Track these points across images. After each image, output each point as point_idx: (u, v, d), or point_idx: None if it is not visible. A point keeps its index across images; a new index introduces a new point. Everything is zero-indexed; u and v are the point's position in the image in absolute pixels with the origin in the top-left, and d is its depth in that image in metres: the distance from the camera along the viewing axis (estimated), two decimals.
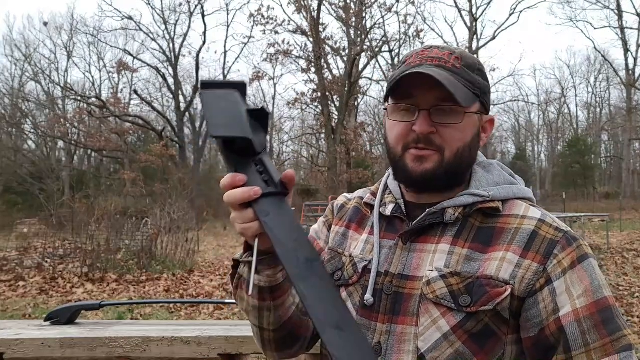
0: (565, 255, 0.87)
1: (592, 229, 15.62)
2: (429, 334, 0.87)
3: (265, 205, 0.74)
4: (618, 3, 31.92)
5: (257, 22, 24.00)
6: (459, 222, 0.93)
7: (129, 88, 32.23)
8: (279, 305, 0.94)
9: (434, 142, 0.92)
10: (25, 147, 30.84)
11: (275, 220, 0.73)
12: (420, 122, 0.91)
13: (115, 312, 5.74)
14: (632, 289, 6.80)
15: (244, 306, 0.97)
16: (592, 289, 0.86)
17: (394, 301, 0.92)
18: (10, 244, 10.22)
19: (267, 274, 0.89)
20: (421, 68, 0.91)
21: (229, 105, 0.76)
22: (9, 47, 31.83)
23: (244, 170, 0.76)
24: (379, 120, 35.18)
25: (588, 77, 41.68)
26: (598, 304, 0.85)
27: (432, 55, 0.94)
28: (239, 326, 1.79)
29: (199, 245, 11.34)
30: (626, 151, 34.50)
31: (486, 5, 34.07)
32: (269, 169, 0.76)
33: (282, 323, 0.96)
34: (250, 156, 0.77)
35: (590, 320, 0.84)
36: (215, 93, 0.77)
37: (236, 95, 0.78)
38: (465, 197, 0.94)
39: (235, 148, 0.76)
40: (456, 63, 0.93)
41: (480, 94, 0.95)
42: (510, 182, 0.99)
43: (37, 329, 1.78)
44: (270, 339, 0.99)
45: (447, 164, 0.92)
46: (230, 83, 0.79)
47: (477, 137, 0.97)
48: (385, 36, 25.04)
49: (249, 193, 0.73)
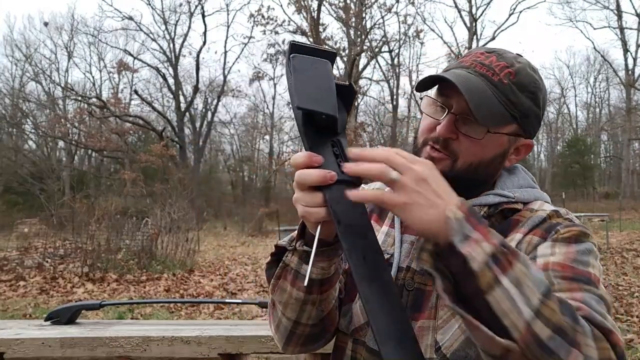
0: (567, 231, 0.86)
1: (592, 229, 15.60)
2: (447, 327, 0.87)
3: (338, 192, 0.69)
4: (618, 3, 31.91)
5: (257, 23, 24.04)
6: None
7: (129, 88, 32.24)
8: (324, 299, 0.89)
9: (450, 147, 0.90)
10: (26, 147, 30.83)
11: (347, 212, 0.68)
12: (443, 125, 0.89)
13: (115, 311, 5.75)
14: (632, 289, 6.80)
15: (283, 298, 0.90)
16: (575, 258, 0.81)
17: (415, 297, 0.91)
18: (11, 243, 10.21)
19: (322, 266, 0.83)
20: (458, 72, 0.89)
21: (320, 76, 0.70)
22: (10, 47, 31.81)
23: (320, 150, 0.71)
24: (379, 120, 35.16)
25: (587, 77, 41.69)
26: (575, 269, 0.79)
27: (486, 62, 0.91)
28: (239, 326, 1.80)
29: (199, 245, 11.34)
30: (625, 151, 34.47)
31: (486, 6, 34.00)
32: (346, 153, 0.71)
33: (321, 318, 0.93)
34: (330, 136, 0.72)
35: (560, 272, 0.79)
36: (308, 60, 0.71)
37: (328, 66, 0.72)
38: (491, 197, 0.94)
39: (316, 124, 0.71)
40: (506, 78, 0.89)
41: (519, 116, 0.90)
42: (532, 186, 1.00)
43: (37, 328, 1.79)
44: (302, 334, 0.94)
45: (457, 173, 0.90)
46: (321, 50, 0.73)
47: (502, 158, 0.94)
48: (385, 36, 25.06)
49: (325, 176, 0.69)
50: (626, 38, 32.63)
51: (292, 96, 0.69)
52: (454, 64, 0.95)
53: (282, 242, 0.90)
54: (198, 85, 29.32)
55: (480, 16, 31.28)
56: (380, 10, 24.42)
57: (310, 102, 0.67)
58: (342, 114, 0.72)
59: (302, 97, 0.67)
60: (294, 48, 0.72)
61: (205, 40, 29.45)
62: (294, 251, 0.86)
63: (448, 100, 0.90)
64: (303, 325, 0.93)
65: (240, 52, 40.53)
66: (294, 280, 0.87)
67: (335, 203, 0.68)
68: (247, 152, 37.97)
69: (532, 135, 0.96)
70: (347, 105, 0.74)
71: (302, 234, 0.84)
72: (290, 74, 0.69)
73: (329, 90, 0.69)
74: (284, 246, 0.89)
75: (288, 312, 0.91)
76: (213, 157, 36.66)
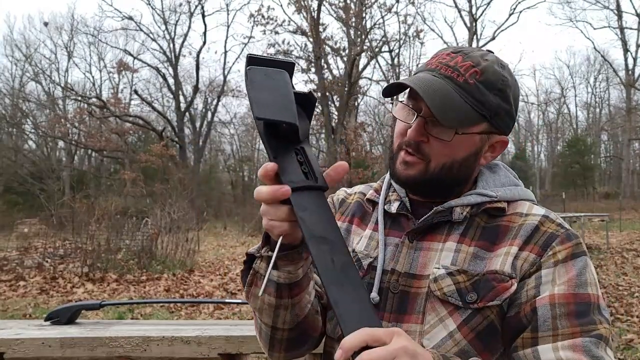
0: (562, 249, 0.88)
1: (592, 229, 15.62)
2: (434, 332, 0.87)
3: (303, 199, 0.69)
4: (618, 3, 31.90)
5: (257, 23, 23.99)
6: (466, 221, 0.93)
7: (129, 88, 32.23)
8: (296, 303, 0.90)
9: (422, 150, 0.91)
10: (26, 147, 30.81)
11: (313, 217, 0.69)
12: (412, 129, 0.91)
13: (115, 311, 5.75)
14: (632, 289, 6.80)
15: (257, 305, 0.91)
16: (576, 282, 0.85)
17: (400, 300, 0.91)
18: (11, 243, 10.21)
19: (288, 270, 0.84)
20: (422, 76, 0.90)
21: (278, 86, 0.71)
22: (10, 47, 31.82)
23: (283, 158, 0.71)
24: (378, 120, 35.14)
25: (588, 77, 41.71)
26: (577, 296, 0.84)
27: (451, 63, 0.90)
28: (239, 326, 1.80)
29: (199, 245, 11.33)
30: (626, 151, 34.46)
31: (486, 6, 33.96)
32: (310, 160, 0.72)
33: (297, 322, 0.93)
34: (292, 143, 0.72)
35: (565, 307, 0.83)
36: (264, 71, 0.71)
37: (286, 76, 0.73)
38: (473, 197, 0.94)
39: (278, 133, 0.71)
40: (471, 78, 0.89)
41: (489, 114, 0.90)
42: (515, 184, 1.00)
43: (37, 328, 1.79)
44: (282, 339, 0.95)
45: (432, 174, 0.92)
46: (278, 61, 0.74)
47: (475, 157, 0.94)
48: (385, 36, 25.02)
49: (276, 194, 0.69)
50: (626, 38, 32.68)
51: (251, 107, 0.69)
52: (421, 67, 0.95)
53: (252, 250, 0.89)
54: (198, 85, 29.30)
55: (480, 16, 31.29)
56: (380, 10, 24.39)
57: (269, 111, 0.68)
58: (303, 121, 0.73)
59: (260, 107, 0.68)
60: (251, 61, 0.73)
61: (205, 40, 29.44)
62: (261, 258, 0.86)
63: (417, 104, 0.91)
64: (281, 330, 0.93)
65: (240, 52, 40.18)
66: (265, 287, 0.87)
67: (301, 210, 0.69)
68: (247, 152, 38.00)
69: (505, 132, 0.96)
70: (309, 113, 0.75)
71: (268, 240, 0.84)
72: (248, 86, 0.70)
73: (287, 99, 0.70)
74: (253, 254, 0.89)
75: (264, 318, 0.92)
76: (213, 157, 36.66)
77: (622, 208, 19.92)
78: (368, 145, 30.52)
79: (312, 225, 0.68)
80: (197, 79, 29.12)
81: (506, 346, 0.88)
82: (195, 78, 29.24)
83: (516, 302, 0.87)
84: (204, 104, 31.02)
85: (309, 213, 0.69)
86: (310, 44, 23.56)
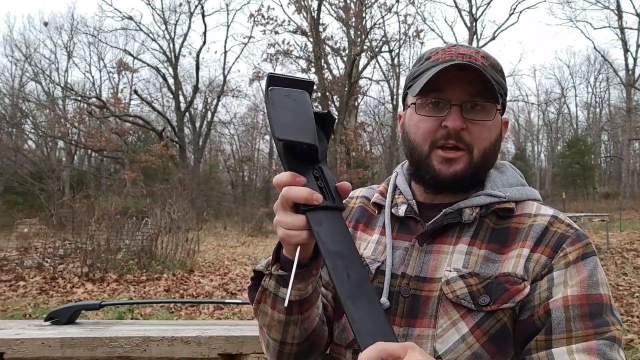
0: (573, 250, 0.88)
1: (592, 229, 15.61)
2: (447, 336, 0.86)
3: (321, 215, 0.70)
4: (618, 3, 31.89)
5: (257, 22, 24.01)
6: (476, 223, 0.93)
7: (129, 88, 32.25)
8: (306, 319, 0.89)
9: (463, 139, 0.90)
10: (26, 147, 30.82)
11: (329, 233, 0.69)
12: (452, 117, 0.89)
13: (115, 312, 5.75)
14: (632, 289, 6.80)
15: (266, 321, 0.90)
16: (588, 283, 0.85)
17: (411, 304, 0.90)
18: (11, 243, 10.21)
19: (299, 287, 0.83)
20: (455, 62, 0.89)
21: (298, 106, 0.71)
22: (9, 47, 31.91)
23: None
24: (378, 120, 35.15)
25: (588, 77, 41.74)
26: (590, 297, 0.84)
27: (462, 52, 0.92)
28: (239, 326, 1.80)
29: (199, 245, 11.33)
30: (626, 151, 34.43)
31: (486, 6, 33.98)
32: (327, 180, 0.73)
33: (306, 336, 0.92)
34: (311, 163, 0.73)
35: (578, 309, 0.83)
36: (285, 91, 0.72)
37: (306, 96, 0.73)
38: (482, 198, 0.93)
39: (297, 153, 0.72)
40: (484, 62, 0.92)
41: (503, 93, 0.94)
42: (522, 184, 1.00)
43: (37, 328, 1.79)
44: (290, 353, 0.94)
45: (475, 164, 0.91)
46: (299, 81, 0.75)
47: (500, 137, 0.96)
48: (385, 36, 25.05)
49: (312, 195, 0.69)
50: (626, 38, 32.64)
51: (272, 128, 0.70)
52: (427, 64, 0.93)
53: (260, 267, 0.89)
54: (198, 85, 29.31)
55: (480, 16, 31.32)
56: (380, 10, 24.42)
57: (290, 132, 0.69)
58: (322, 142, 0.73)
59: (281, 128, 0.69)
60: (272, 81, 0.73)
61: (205, 40, 29.47)
62: (270, 275, 0.86)
63: (443, 95, 0.90)
64: (289, 344, 0.92)
65: (240, 52, 40.46)
66: (274, 303, 0.87)
67: (317, 225, 0.70)
68: (247, 152, 38.01)
69: (503, 112, 0.98)
70: (327, 133, 0.75)
71: (277, 257, 0.85)
72: (269, 106, 0.71)
73: (308, 120, 0.71)
74: (262, 271, 0.88)
75: (273, 334, 0.91)
76: (213, 157, 36.67)
77: (622, 208, 19.91)
78: (368, 145, 30.55)
79: (328, 240, 0.69)
80: (197, 79, 29.14)
81: (517, 349, 0.87)
82: (195, 78, 29.27)
83: (529, 304, 0.86)
84: (203, 104, 31.07)
85: (325, 228, 0.70)
86: (310, 44, 23.58)
